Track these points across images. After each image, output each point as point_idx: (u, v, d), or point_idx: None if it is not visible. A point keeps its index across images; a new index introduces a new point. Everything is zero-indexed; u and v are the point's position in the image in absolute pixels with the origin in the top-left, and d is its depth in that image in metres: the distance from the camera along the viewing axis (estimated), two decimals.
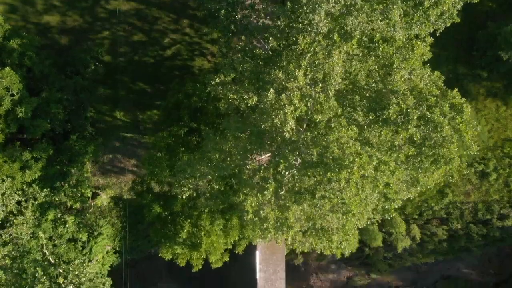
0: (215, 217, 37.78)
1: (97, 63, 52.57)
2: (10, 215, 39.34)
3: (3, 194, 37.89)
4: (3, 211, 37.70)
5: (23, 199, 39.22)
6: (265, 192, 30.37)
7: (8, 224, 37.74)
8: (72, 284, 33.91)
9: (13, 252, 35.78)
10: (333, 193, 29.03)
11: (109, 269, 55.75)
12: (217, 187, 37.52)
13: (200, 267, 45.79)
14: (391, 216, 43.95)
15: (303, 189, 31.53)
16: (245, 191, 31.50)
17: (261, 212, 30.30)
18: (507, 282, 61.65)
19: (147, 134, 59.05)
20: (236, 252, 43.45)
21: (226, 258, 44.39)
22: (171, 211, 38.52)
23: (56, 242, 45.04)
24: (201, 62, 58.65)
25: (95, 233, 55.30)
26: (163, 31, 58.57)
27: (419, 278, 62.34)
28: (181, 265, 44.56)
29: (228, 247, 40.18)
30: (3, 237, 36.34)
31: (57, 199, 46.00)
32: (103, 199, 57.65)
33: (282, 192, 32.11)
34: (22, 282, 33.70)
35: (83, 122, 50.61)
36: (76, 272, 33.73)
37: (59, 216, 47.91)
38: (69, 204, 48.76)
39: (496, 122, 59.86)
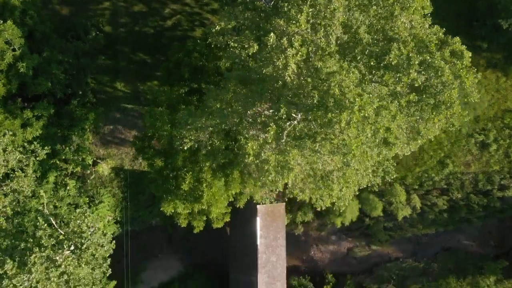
0: (216, 171, 37.85)
1: (97, 32, 52.65)
2: (11, 172, 39.34)
3: (4, 150, 37.90)
4: (5, 166, 37.69)
5: (24, 157, 39.20)
6: (266, 135, 30.46)
7: (9, 180, 37.73)
8: (74, 234, 33.94)
9: (14, 203, 35.81)
10: (334, 133, 29.10)
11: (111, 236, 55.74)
12: (218, 142, 37.59)
13: (201, 229, 45.86)
14: (391, 178, 44.19)
15: (303, 134, 31.62)
16: (246, 135, 31.58)
17: (262, 154, 30.38)
18: (507, 254, 61.69)
19: (148, 105, 59.12)
20: (237, 206, 43.48)
21: (227, 219, 44.49)
22: (173, 167, 38.56)
23: (57, 204, 45.05)
24: (201, 32, 58.72)
25: (96, 201, 55.47)
26: (164, 1, 58.68)
27: (420, 250, 62.37)
28: (182, 226, 44.55)
29: (230, 199, 40.19)
30: (4, 189, 36.31)
31: (58, 162, 46.02)
32: (104, 169, 57.72)
33: (282, 140, 32.26)
34: (23, 234, 33.77)
35: (84, 88, 50.67)
36: (78, 221, 33.75)
37: (60, 179, 48.04)
38: (70, 168, 48.83)
39: (496, 93, 59.94)
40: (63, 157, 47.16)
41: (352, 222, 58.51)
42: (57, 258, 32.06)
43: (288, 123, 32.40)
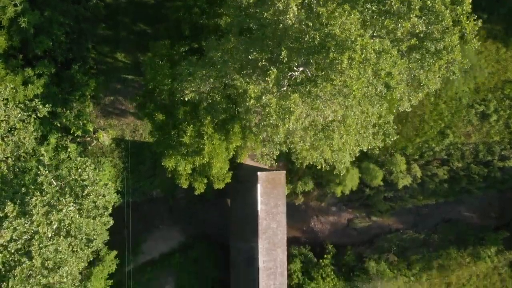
0: (217, 125, 37.88)
1: (98, 0, 52.72)
2: (13, 129, 39.39)
3: (6, 104, 37.96)
4: (6, 121, 37.72)
5: (25, 114, 39.25)
6: (267, 78, 30.52)
7: (10, 133, 37.78)
8: (75, 182, 33.99)
9: (15, 155, 35.83)
10: (335, 74, 29.14)
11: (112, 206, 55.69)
12: (218, 98, 37.64)
13: (202, 191, 45.86)
14: (392, 140, 44.21)
15: (304, 80, 31.70)
16: (247, 80, 31.63)
17: (263, 97, 30.42)
18: (508, 225, 61.67)
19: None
20: (238, 161, 43.45)
21: (228, 179, 44.49)
22: (174, 121, 38.58)
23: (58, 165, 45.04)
24: None
25: (97, 170, 55.39)
26: None
27: (420, 221, 62.35)
28: (183, 187, 44.53)
29: (231, 153, 40.18)
30: (6, 141, 36.32)
31: (59, 124, 46.06)
32: (105, 139, 57.72)
33: (283, 89, 32.32)
34: (24, 179, 33.77)
35: (85, 54, 50.77)
36: (79, 170, 33.78)
37: (60, 143, 48.08)
38: (71, 131, 48.85)
39: (496, 64, 59.90)
40: (64, 120, 47.18)
41: (352, 192, 58.58)
42: (58, 204, 32.08)
43: (289, 74, 32.54)
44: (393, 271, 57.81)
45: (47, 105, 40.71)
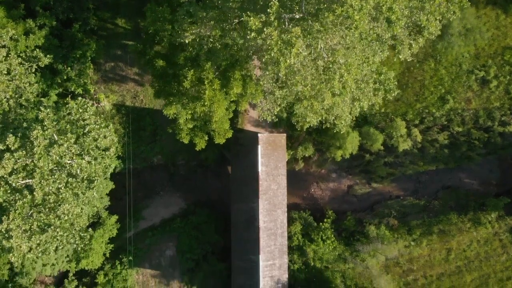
0: (218, 72, 37.90)
1: None
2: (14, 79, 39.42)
3: (7, 53, 38.03)
4: (7, 68, 37.78)
5: (26, 64, 39.32)
6: (268, 10, 30.55)
7: (12, 80, 37.84)
8: (76, 122, 34.01)
9: (17, 98, 35.86)
10: (337, 3, 29.19)
11: (113, 171, 55.71)
12: (219, 46, 37.67)
13: (203, 147, 45.84)
14: (393, 94, 44.28)
15: (306, 14, 31.72)
16: (248, 13, 31.65)
17: (265, 29, 30.44)
18: (508, 192, 61.63)
19: None
20: (239, 109, 43.42)
21: (229, 135, 44.48)
22: (174, 71, 38.60)
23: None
24: None
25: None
26: None
27: (420, 188, 62.36)
28: (185, 142, 44.47)
29: (232, 99, 40.15)
30: (7, 83, 36.37)
31: (59, 80, 46.10)
32: (106, 104, 57.81)
33: (285, 26, 32.35)
34: (26, 115, 33.81)
35: (85, 14, 50.81)
36: (81, 110, 33.82)
37: (61, 100, 48.11)
38: (71, 89, 48.89)
39: (496, 30, 59.93)
40: (65, 77, 47.22)
41: (353, 158, 58.65)
42: (59, 139, 32.10)
43: (289, 15, 32.54)
44: (393, 235, 57.78)
45: (48, 56, 40.82)
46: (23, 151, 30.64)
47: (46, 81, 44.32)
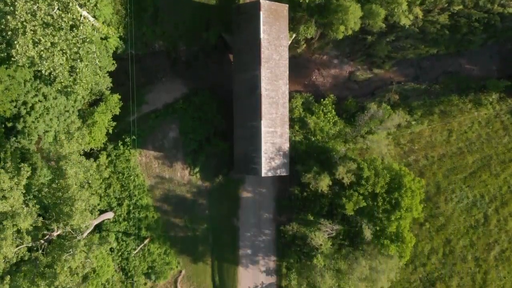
0: None
1: None
2: None
3: None
4: None
5: None
6: None
7: None
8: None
9: None
10: None
11: (115, 51, 55.93)
12: None
13: None
14: None
15: None
16: None
17: None
18: (509, 77, 61.68)
19: None
20: None
21: None
22: None
23: None
24: None
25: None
26: None
27: (421, 74, 62.54)
28: None
29: None
30: None
31: None
32: None
33: None
34: None
35: None
36: None
37: None
38: None
39: None
40: None
41: (354, 41, 58.73)
42: None
43: None
44: (394, 110, 58.00)
45: None
46: None
47: None
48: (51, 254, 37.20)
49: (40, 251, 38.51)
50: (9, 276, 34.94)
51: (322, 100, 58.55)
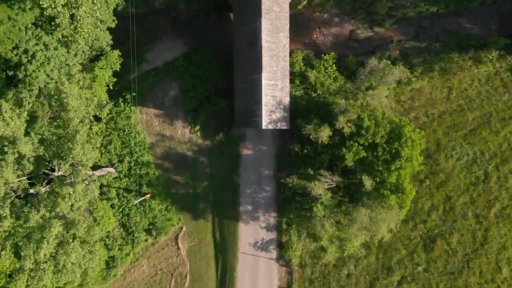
0: None
1: None
2: None
3: None
4: None
5: None
6: None
7: None
8: None
9: None
10: None
11: (115, 7, 55.86)
12: None
13: None
14: None
15: None
16: None
17: None
18: (509, 36, 61.62)
19: None
20: None
21: None
22: None
23: None
24: None
25: None
26: None
27: (421, 32, 62.51)
28: None
29: None
30: None
31: None
32: None
33: None
34: None
35: None
36: None
37: None
38: None
39: None
40: None
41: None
42: None
43: None
44: (394, 65, 58.04)
45: None
46: None
47: None
48: (52, 187, 37.38)
49: (41, 187, 38.67)
50: (9, 200, 35.09)
51: (322, 55, 58.59)
